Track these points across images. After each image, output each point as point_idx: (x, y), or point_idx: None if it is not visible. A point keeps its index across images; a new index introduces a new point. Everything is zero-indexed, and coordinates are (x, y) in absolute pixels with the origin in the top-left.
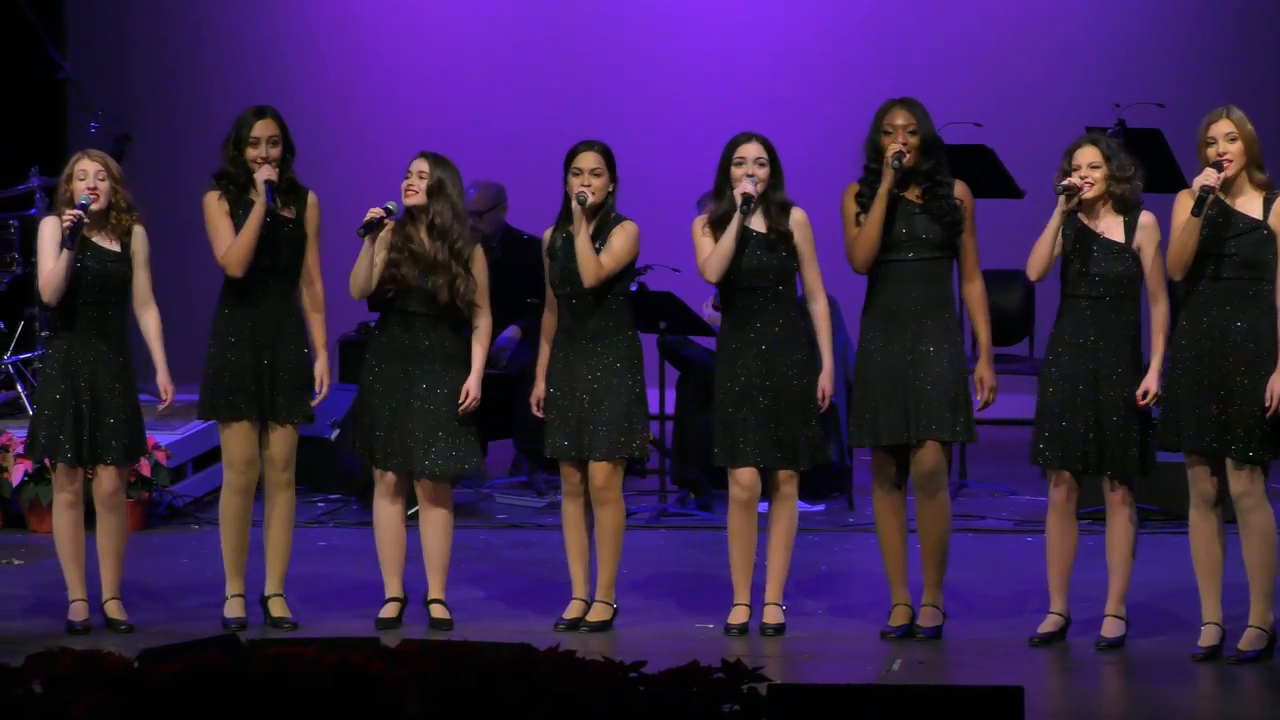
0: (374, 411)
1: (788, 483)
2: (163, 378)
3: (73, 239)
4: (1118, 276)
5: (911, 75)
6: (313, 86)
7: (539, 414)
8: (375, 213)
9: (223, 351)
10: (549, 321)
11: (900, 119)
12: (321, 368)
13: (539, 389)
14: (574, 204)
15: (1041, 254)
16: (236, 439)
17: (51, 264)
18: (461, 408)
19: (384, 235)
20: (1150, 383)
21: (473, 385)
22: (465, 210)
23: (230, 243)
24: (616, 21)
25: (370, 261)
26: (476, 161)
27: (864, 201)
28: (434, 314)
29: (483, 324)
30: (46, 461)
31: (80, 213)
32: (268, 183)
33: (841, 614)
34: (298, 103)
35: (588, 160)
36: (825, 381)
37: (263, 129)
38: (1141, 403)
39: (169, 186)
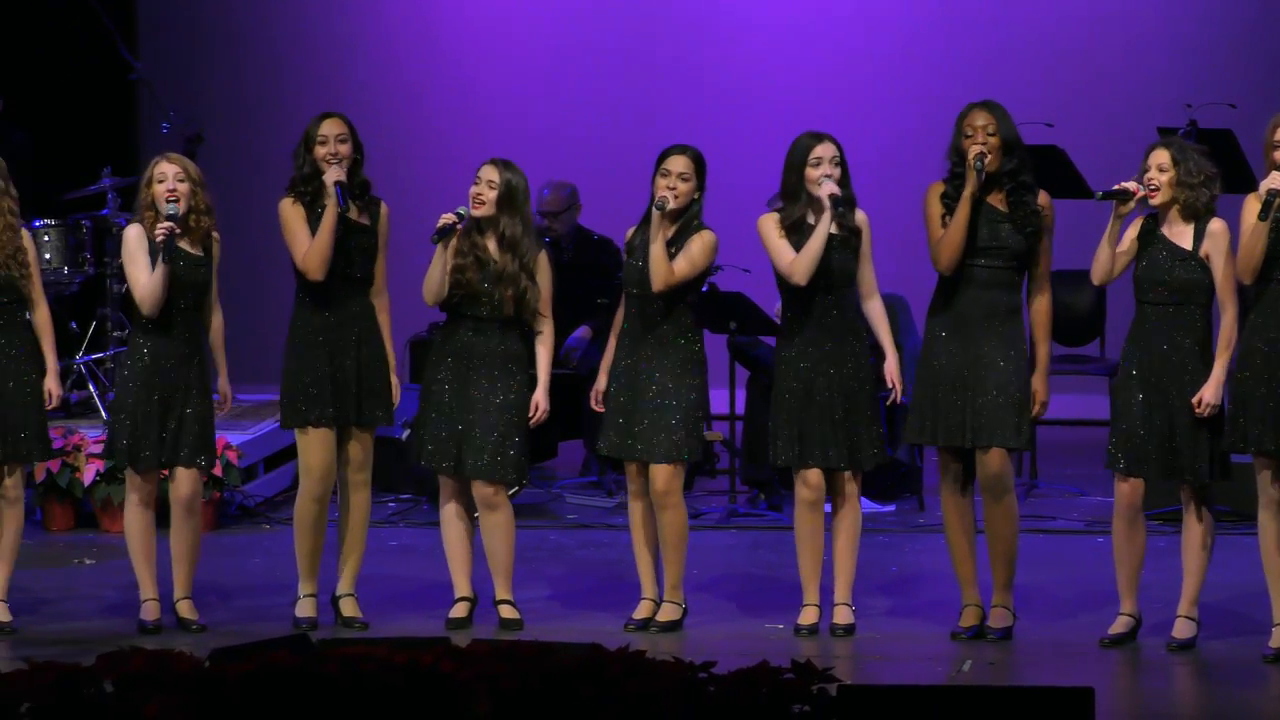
0: (435, 413)
1: (850, 483)
2: (223, 382)
3: (169, 253)
4: (1185, 284)
5: (982, 75)
6: (386, 87)
7: (598, 408)
8: (448, 218)
9: (301, 360)
10: (619, 318)
11: (980, 120)
12: (391, 374)
13: (600, 383)
14: (655, 204)
15: (1101, 258)
16: (315, 447)
17: (144, 275)
18: (533, 421)
19: (452, 241)
20: (1207, 392)
21: (541, 398)
22: (532, 216)
23: (308, 246)
24: (688, 23)
25: (443, 267)
26: (550, 164)
27: (949, 203)
28: (498, 319)
29: (546, 331)
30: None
31: (172, 224)
32: (337, 184)
33: (912, 614)
34: (370, 104)
35: (677, 164)
36: (892, 368)
37: (330, 127)
38: (1197, 411)
39: (240, 187)
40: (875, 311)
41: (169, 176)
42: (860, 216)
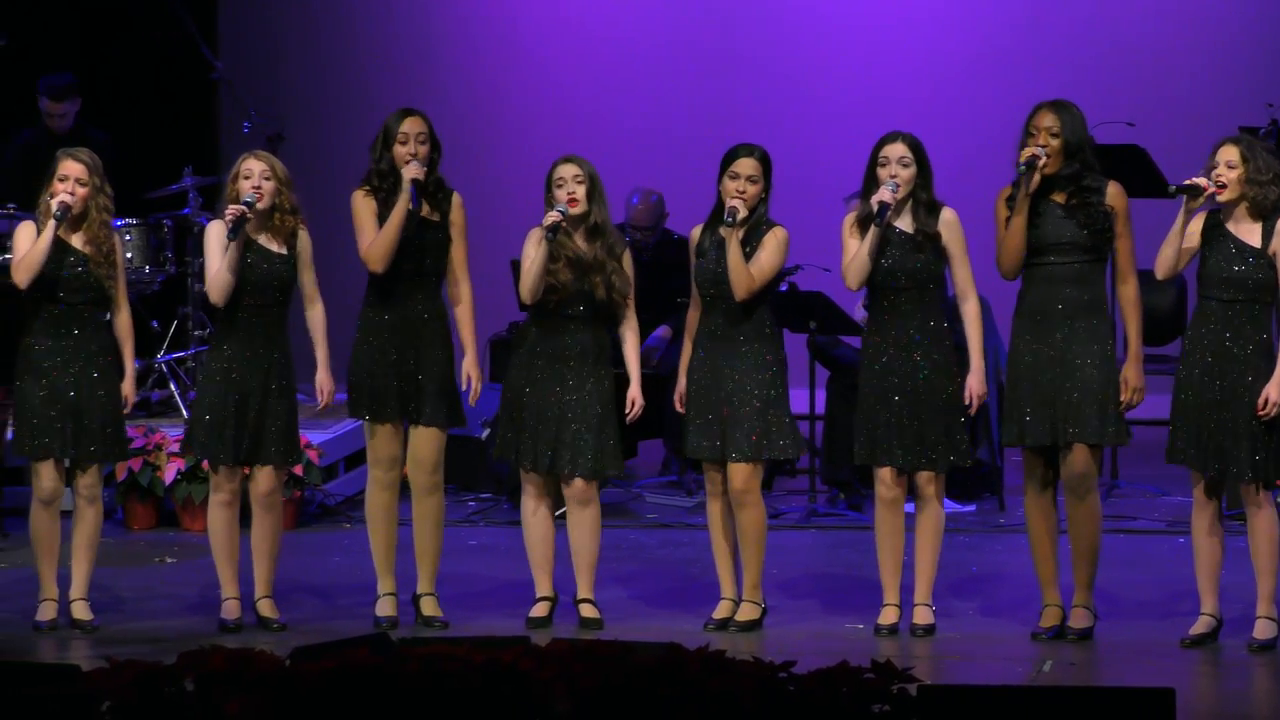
0: (522, 413)
1: (929, 484)
2: (322, 375)
3: (235, 231)
4: (1250, 281)
5: (1064, 74)
6: (465, 86)
7: (680, 409)
8: (556, 216)
9: (366, 353)
10: (693, 319)
11: (1045, 121)
12: (470, 365)
13: (681, 385)
14: (725, 220)
15: (1165, 253)
16: (380, 438)
17: (218, 266)
18: (630, 417)
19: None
20: (1273, 390)
21: (636, 393)
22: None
23: (373, 238)
24: (769, 22)
25: (544, 265)
26: (626, 160)
27: (1012, 205)
28: (588, 315)
29: (632, 325)
30: (205, 464)
31: (244, 207)
32: (414, 182)
33: (992, 614)
34: (449, 102)
35: (746, 166)
36: (975, 382)
37: (411, 126)
38: (1260, 412)
39: (320, 187)
40: (968, 313)
41: (255, 173)
42: (948, 216)
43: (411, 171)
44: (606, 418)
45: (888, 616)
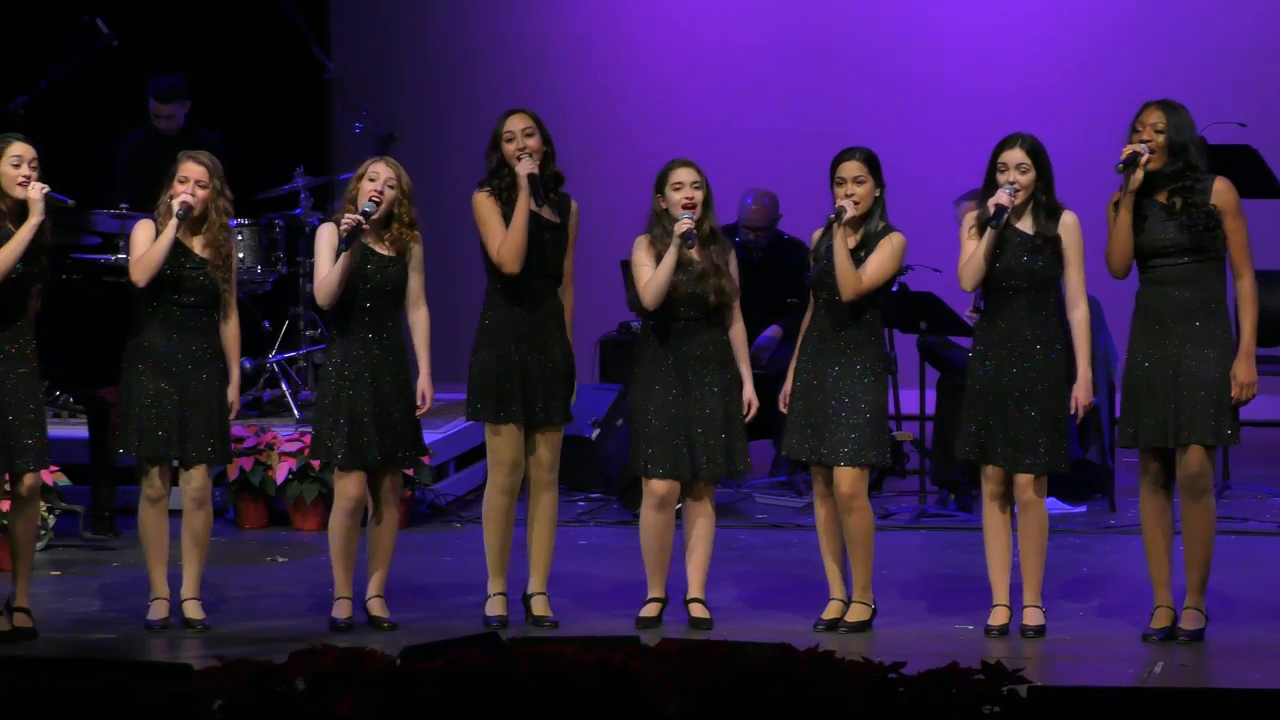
0: (656, 420)
1: (1028, 487)
2: (424, 381)
3: (348, 243)
4: None
5: (1175, 75)
6: (575, 87)
7: (785, 410)
8: (687, 224)
9: (488, 355)
10: (807, 321)
11: (1150, 118)
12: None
13: (787, 386)
14: (830, 217)
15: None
16: (504, 441)
17: (327, 268)
18: (748, 417)
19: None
20: None
21: (751, 394)
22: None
23: (502, 239)
24: (878, 23)
25: (672, 271)
26: (738, 162)
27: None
28: (702, 318)
29: (740, 329)
30: (317, 464)
31: (361, 218)
32: (530, 176)
33: (1103, 616)
34: (561, 103)
35: (851, 169)
36: (1080, 392)
37: (514, 123)
38: None
39: (432, 187)
40: (1077, 320)
41: (380, 178)
42: (1069, 219)
43: (524, 167)
44: (734, 416)
45: (998, 617)
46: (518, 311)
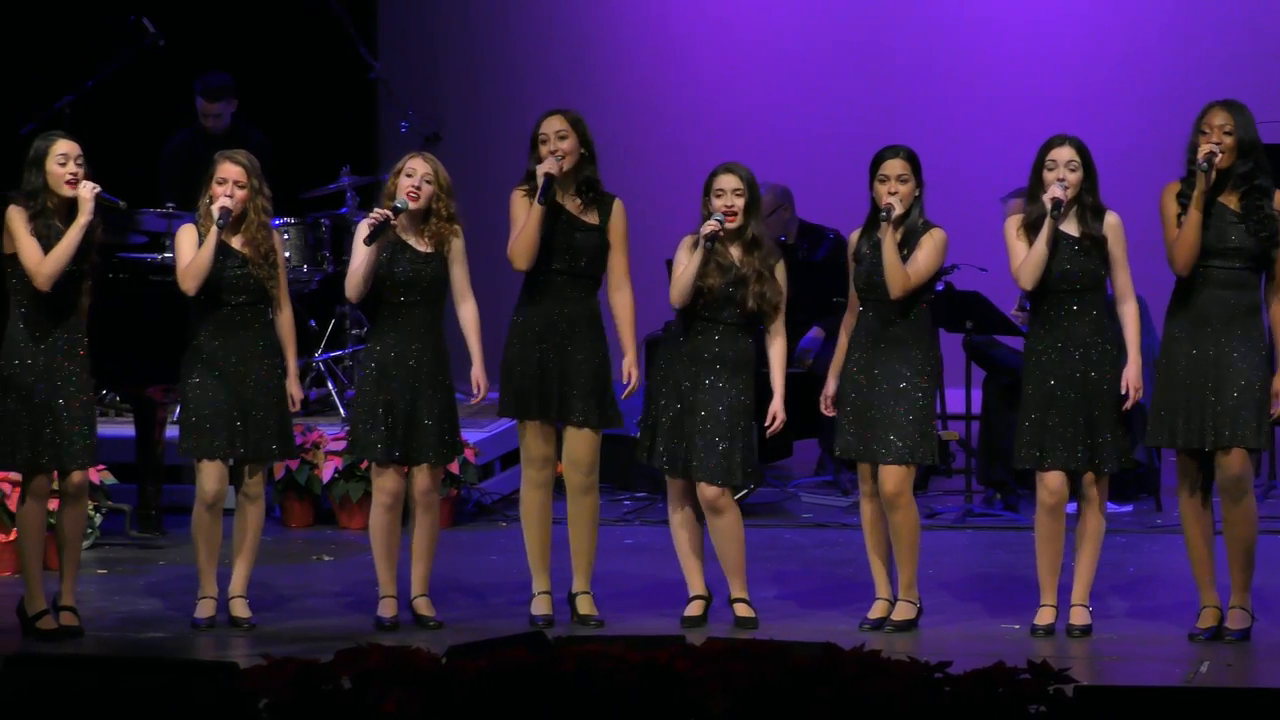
0: (664, 417)
1: (1094, 486)
2: (477, 370)
3: (372, 237)
4: None
5: (1224, 74)
6: (620, 88)
7: (828, 412)
8: (714, 225)
9: (515, 352)
10: (849, 322)
11: (1218, 119)
12: (630, 364)
13: (829, 387)
14: (880, 216)
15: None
16: (531, 437)
17: (357, 263)
18: (771, 431)
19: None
20: None
21: (778, 407)
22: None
23: (515, 236)
24: (920, 23)
25: (697, 272)
26: (780, 162)
27: (1184, 202)
28: (734, 322)
29: (779, 337)
30: (364, 463)
31: (389, 213)
32: (546, 175)
33: (1148, 616)
34: (604, 103)
35: (894, 167)
36: (1132, 375)
37: (550, 125)
38: None
39: (475, 186)
40: (1127, 315)
41: (416, 173)
42: (1112, 219)
43: (544, 167)
44: (741, 427)
45: (1044, 617)
46: (545, 310)
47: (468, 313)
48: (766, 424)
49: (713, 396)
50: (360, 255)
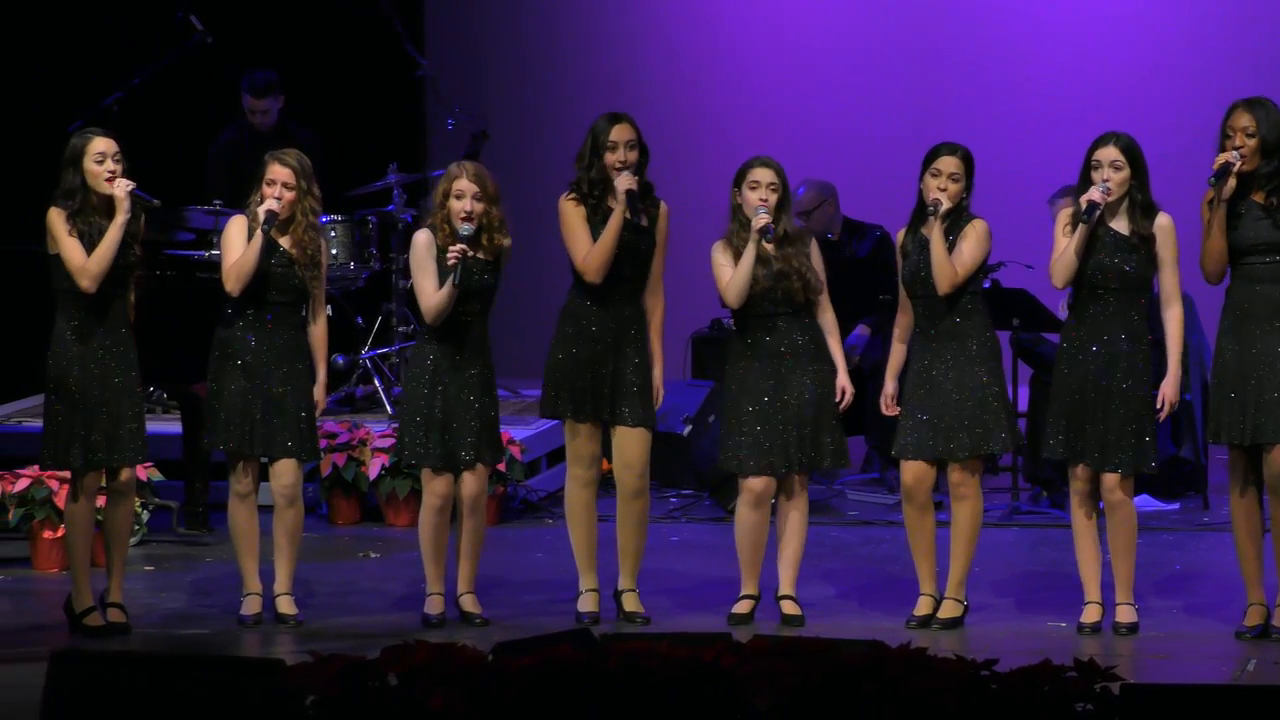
0: (742, 417)
1: (1116, 487)
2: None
3: (458, 278)
4: None
5: (1271, 71)
6: (666, 86)
7: (889, 412)
8: (765, 219)
9: (565, 352)
10: (903, 320)
11: (1241, 120)
12: (657, 377)
13: (889, 388)
14: (928, 211)
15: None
16: (580, 437)
17: (431, 286)
18: (843, 406)
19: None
20: None
21: (845, 381)
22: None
23: (589, 250)
24: (969, 22)
25: (753, 268)
26: (828, 160)
27: (1214, 207)
28: (791, 312)
29: (829, 316)
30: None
31: (464, 247)
32: (628, 192)
33: (1196, 613)
34: (651, 102)
35: (949, 164)
36: (1169, 389)
37: (620, 133)
38: None
39: (524, 184)
40: (1171, 319)
41: (466, 196)
42: (1163, 220)
43: (625, 183)
44: (827, 410)
45: (1090, 614)
46: (597, 313)
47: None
48: (837, 399)
49: (803, 388)
50: (447, 293)
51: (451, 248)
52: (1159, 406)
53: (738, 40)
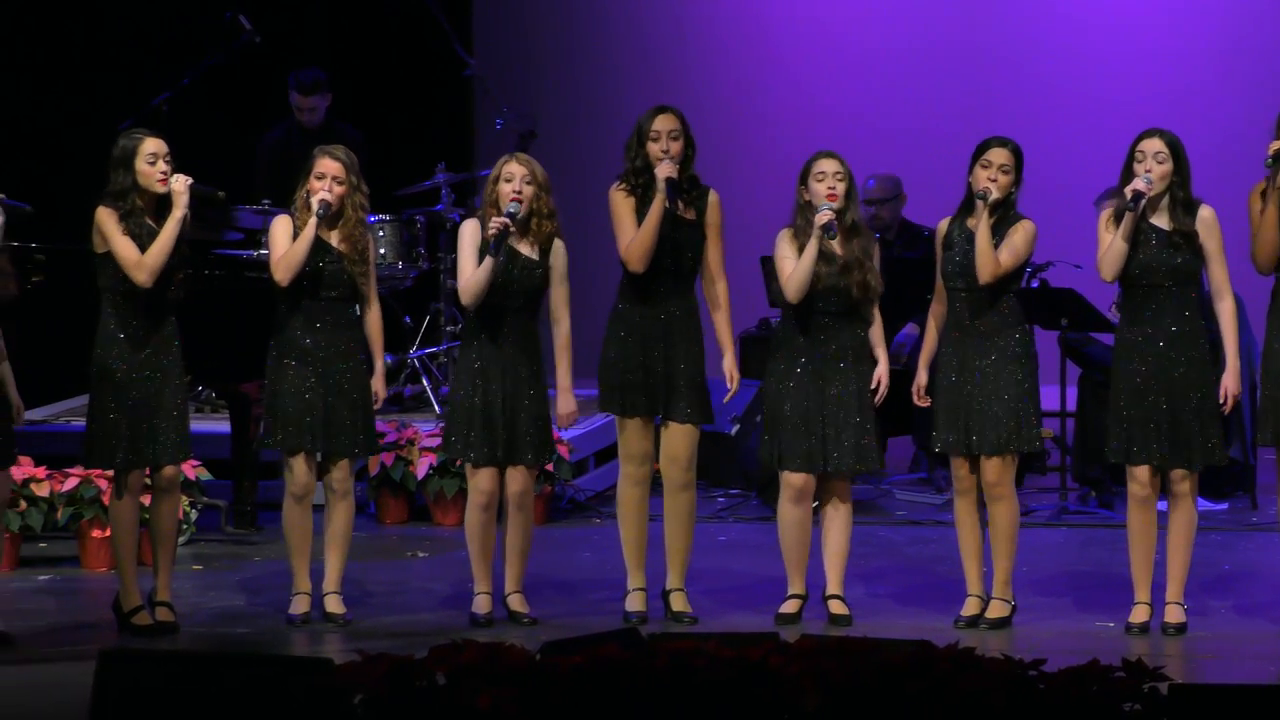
0: (786, 414)
1: (1182, 482)
2: (564, 399)
3: (496, 247)
4: None
5: None
6: (715, 85)
7: (920, 403)
8: (829, 215)
9: (618, 348)
10: (937, 311)
11: None
12: (729, 365)
13: (921, 378)
14: (976, 199)
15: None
16: (632, 433)
17: (471, 268)
18: (878, 398)
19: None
20: None
21: (884, 374)
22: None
23: (632, 237)
24: (1016, 22)
25: (814, 263)
26: (876, 157)
27: (1264, 200)
28: (843, 312)
29: (877, 327)
30: (458, 461)
31: (507, 220)
32: (668, 180)
33: (1244, 613)
34: (700, 100)
35: (999, 156)
36: (1230, 381)
37: (663, 123)
38: None
39: (572, 183)
40: (1223, 312)
41: (516, 178)
42: (1205, 214)
43: (664, 170)
44: (867, 414)
45: (1139, 615)
46: (647, 307)
47: (562, 333)
48: (872, 390)
49: (843, 389)
50: (486, 267)
51: (494, 218)
52: (1222, 400)
53: (787, 40)
